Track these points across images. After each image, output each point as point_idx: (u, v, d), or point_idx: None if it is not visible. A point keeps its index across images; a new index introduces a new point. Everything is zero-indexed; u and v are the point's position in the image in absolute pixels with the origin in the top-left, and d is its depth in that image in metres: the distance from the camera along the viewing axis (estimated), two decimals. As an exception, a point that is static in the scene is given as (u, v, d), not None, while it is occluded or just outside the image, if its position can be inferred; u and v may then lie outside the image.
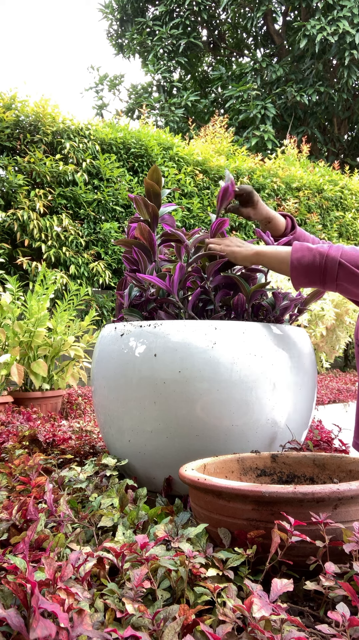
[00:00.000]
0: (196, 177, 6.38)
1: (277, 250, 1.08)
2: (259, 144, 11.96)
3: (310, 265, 1.02)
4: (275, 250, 1.08)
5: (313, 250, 1.02)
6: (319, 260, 1.01)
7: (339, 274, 1.00)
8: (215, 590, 0.55)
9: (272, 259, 1.07)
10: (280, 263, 1.06)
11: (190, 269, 1.12)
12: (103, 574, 0.61)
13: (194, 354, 0.96)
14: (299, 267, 1.02)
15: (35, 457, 1.13)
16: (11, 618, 0.47)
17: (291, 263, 1.03)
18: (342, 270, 1.00)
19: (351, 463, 0.87)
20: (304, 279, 1.04)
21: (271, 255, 1.08)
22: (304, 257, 1.02)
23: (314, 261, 1.01)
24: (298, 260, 1.02)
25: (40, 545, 0.69)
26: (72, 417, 2.70)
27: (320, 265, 1.01)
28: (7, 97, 5.11)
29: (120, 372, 1.03)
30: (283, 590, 0.55)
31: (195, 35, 13.62)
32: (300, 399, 1.07)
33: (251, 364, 0.98)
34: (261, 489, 0.65)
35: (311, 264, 1.02)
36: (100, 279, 5.18)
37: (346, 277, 1.00)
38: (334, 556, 0.64)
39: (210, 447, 0.98)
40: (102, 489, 0.96)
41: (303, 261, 1.02)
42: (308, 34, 11.42)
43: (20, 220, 4.73)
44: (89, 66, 17.44)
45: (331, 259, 1.00)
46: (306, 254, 1.02)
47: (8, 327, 2.91)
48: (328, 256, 1.00)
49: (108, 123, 6.20)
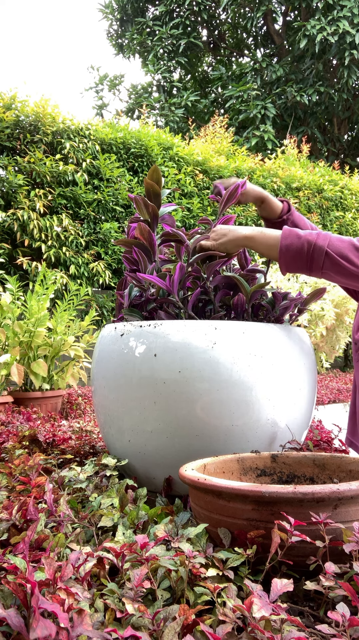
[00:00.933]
0: (196, 177, 6.38)
1: (266, 235, 1.10)
2: (259, 144, 11.96)
3: (298, 253, 1.05)
4: (263, 235, 1.10)
5: (302, 238, 1.05)
6: (307, 248, 1.04)
7: (325, 263, 1.04)
8: (215, 590, 0.55)
9: (261, 244, 1.10)
10: (269, 249, 1.09)
11: (190, 269, 1.12)
12: (103, 574, 0.61)
13: (194, 354, 0.96)
14: (287, 253, 1.06)
15: (35, 457, 1.13)
16: (11, 618, 0.47)
17: (280, 249, 1.06)
18: (328, 259, 1.03)
19: (351, 463, 0.87)
20: (291, 266, 1.07)
21: (260, 240, 1.10)
22: (293, 244, 1.05)
23: (302, 249, 1.04)
24: (287, 247, 1.05)
25: (40, 545, 0.69)
26: (72, 417, 2.70)
27: (308, 254, 1.04)
28: (7, 97, 5.11)
29: (120, 372, 1.03)
30: (283, 590, 0.55)
31: (195, 35, 13.62)
32: (300, 399, 1.07)
33: (251, 364, 0.98)
34: (261, 489, 0.65)
35: (299, 251, 1.05)
36: (100, 279, 5.18)
37: (331, 266, 1.04)
38: (334, 556, 0.64)
39: (210, 447, 0.98)
40: (102, 489, 0.96)
41: (291, 248, 1.05)
42: (308, 34, 11.42)
43: (20, 220, 4.73)
44: (89, 66, 17.44)
45: (319, 248, 1.03)
46: (295, 241, 1.05)
47: (8, 327, 2.91)
48: (315, 245, 1.04)
49: (108, 123, 6.20)
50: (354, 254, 1.04)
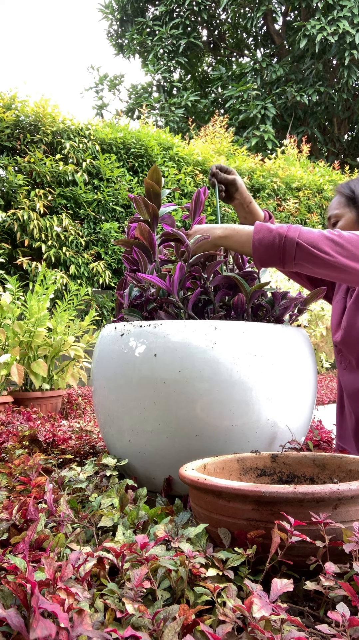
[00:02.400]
0: (196, 177, 6.38)
1: (239, 232, 1.13)
2: (259, 144, 11.96)
3: (270, 246, 1.07)
4: (236, 232, 1.13)
5: (273, 232, 1.07)
6: (279, 240, 1.06)
7: (297, 253, 1.06)
8: (215, 590, 0.55)
9: (235, 242, 1.13)
10: (242, 245, 1.12)
11: (190, 269, 1.12)
12: (103, 574, 0.61)
13: (194, 354, 0.96)
14: (260, 247, 1.08)
15: (35, 457, 1.13)
16: (11, 618, 0.47)
17: (253, 244, 1.08)
18: (299, 250, 1.05)
19: (351, 463, 0.87)
20: (265, 259, 1.09)
21: (234, 238, 1.13)
22: (265, 238, 1.07)
23: (274, 242, 1.07)
24: (259, 241, 1.08)
25: (40, 545, 0.69)
26: (72, 417, 2.70)
27: (279, 246, 1.06)
28: (7, 97, 5.11)
29: (120, 372, 1.03)
30: (283, 590, 0.55)
31: (195, 35, 13.62)
32: (300, 399, 1.07)
33: (251, 364, 0.98)
34: (261, 489, 0.65)
35: (271, 244, 1.07)
36: (100, 279, 5.18)
37: (303, 257, 1.06)
38: (334, 556, 0.64)
39: (210, 447, 0.98)
40: (102, 489, 0.96)
41: (263, 242, 1.07)
42: (308, 34, 11.42)
43: (20, 220, 4.73)
44: (89, 66, 17.44)
45: (290, 240, 1.05)
46: (267, 235, 1.08)
47: (8, 327, 2.91)
48: (286, 237, 1.06)
49: (108, 123, 6.20)
50: (324, 243, 1.06)
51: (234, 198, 1.41)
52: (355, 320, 1.36)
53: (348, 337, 1.38)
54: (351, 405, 1.43)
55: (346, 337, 1.38)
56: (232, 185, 1.39)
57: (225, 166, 1.40)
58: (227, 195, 1.41)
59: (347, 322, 1.38)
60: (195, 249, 1.15)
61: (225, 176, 1.37)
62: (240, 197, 1.40)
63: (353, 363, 1.41)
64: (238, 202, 1.41)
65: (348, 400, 1.45)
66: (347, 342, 1.38)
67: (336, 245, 1.06)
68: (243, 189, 1.40)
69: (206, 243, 1.14)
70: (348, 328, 1.38)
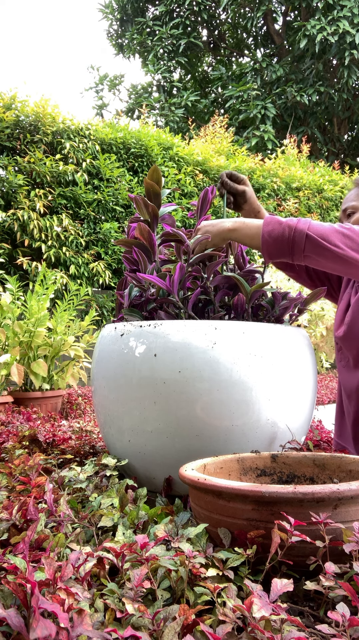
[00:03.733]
0: (196, 177, 6.38)
1: (248, 225, 1.12)
2: (259, 144, 11.96)
3: (279, 238, 1.06)
4: (246, 225, 1.12)
5: (283, 224, 1.07)
6: (289, 232, 1.06)
7: (306, 246, 1.05)
8: (215, 590, 0.55)
9: (244, 235, 1.12)
10: (251, 238, 1.11)
11: (190, 269, 1.12)
12: (103, 574, 0.61)
13: (194, 354, 0.96)
14: (269, 239, 1.07)
15: (35, 457, 1.13)
16: (11, 618, 0.47)
17: (262, 236, 1.07)
18: (309, 242, 1.04)
19: (351, 463, 0.87)
20: (273, 252, 1.08)
21: (244, 231, 1.12)
22: (275, 230, 1.07)
23: (283, 234, 1.06)
24: (269, 233, 1.07)
25: (40, 545, 0.69)
26: (72, 417, 2.70)
27: (289, 237, 1.06)
28: (7, 97, 5.11)
29: (120, 372, 1.03)
30: (283, 590, 0.55)
31: (195, 35, 13.62)
32: (300, 399, 1.07)
33: (251, 364, 0.98)
34: (261, 489, 0.65)
35: (280, 236, 1.06)
36: (100, 279, 5.18)
37: (313, 249, 1.05)
38: (334, 556, 0.64)
39: (210, 447, 0.98)
40: (102, 489, 0.96)
41: (273, 234, 1.07)
42: (308, 34, 11.42)
43: (20, 220, 4.73)
44: (89, 66, 17.43)
45: (299, 231, 1.05)
46: (277, 227, 1.07)
47: (8, 327, 2.91)
48: (296, 229, 1.05)
49: (108, 123, 6.20)
50: (334, 236, 1.05)
51: (242, 208, 1.38)
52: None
53: (350, 333, 1.37)
54: (349, 403, 1.43)
55: (348, 333, 1.38)
56: (241, 197, 1.35)
57: (236, 174, 1.36)
58: (235, 204, 1.38)
59: (351, 317, 1.38)
60: (195, 249, 1.14)
61: (235, 186, 1.33)
62: (249, 208, 1.37)
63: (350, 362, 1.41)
64: (246, 212, 1.38)
65: (346, 399, 1.45)
66: (348, 338, 1.38)
67: (347, 238, 1.06)
68: (252, 200, 1.36)
69: (215, 237, 1.13)
70: (351, 323, 1.37)
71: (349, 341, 1.38)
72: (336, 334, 1.46)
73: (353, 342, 1.37)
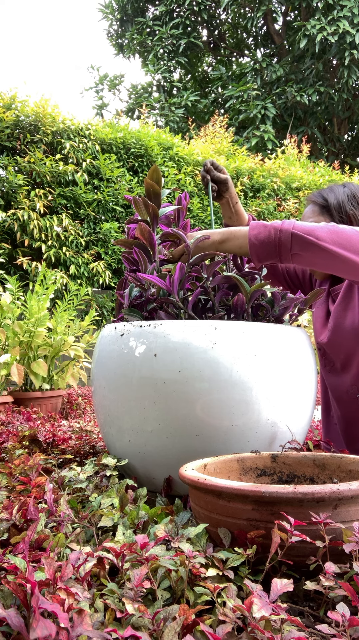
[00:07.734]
0: (196, 177, 6.38)
1: (235, 234, 1.13)
2: (259, 144, 11.95)
3: (266, 240, 1.07)
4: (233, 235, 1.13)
5: (268, 227, 1.08)
6: (274, 234, 1.07)
7: (293, 244, 1.06)
8: (215, 590, 0.55)
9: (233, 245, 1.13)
10: (240, 246, 1.12)
11: (190, 269, 1.12)
12: (103, 574, 0.61)
13: (194, 354, 0.96)
14: (256, 242, 1.08)
15: (35, 457, 1.13)
16: (11, 618, 0.47)
17: (249, 239, 1.08)
18: (295, 240, 1.05)
19: (351, 463, 0.87)
20: (262, 255, 1.09)
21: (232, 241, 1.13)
22: (261, 233, 1.08)
23: (269, 236, 1.07)
24: (255, 236, 1.08)
25: (40, 545, 0.69)
26: (72, 417, 2.70)
27: (275, 239, 1.07)
28: (7, 97, 5.11)
29: (120, 372, 1.03)
30: (283, 590, 0.55)
31: (195, 35, 13.61)
32: (300, 399, 1.07)
33: (251, 364, 0.98)
34: (261, 489, 0.65)
35: (267, 238, 1.07)
36: (100, 279, 5.18)
37: (299, 246, 1.06)
38: (334, 556, 0.64)
39: (210, 447, 0.98)
40: (102, 489, 0.96)
41: (259, 237, 1.08)
42: (308, 34, 11.41)
43: (20, 220, 4.73)
44: (89, 66, 17.43)
45: (285, 231, 1.06)
46: (262, 230, 1.08)
47: (8, 327, 2.91)
48: (281, 229, 1.06)
49: (108, 123, 6.20)
50: (319, 230, 1.06)
51: (223, 197, 1.42)
52: (343, 320, 1.37)
53: (335, 338, 1.38)
54: (339, 408, 1.43)
55: (333, 338, 1.39)
56: (224, 185, 1.40)
57: (216, 163, 1.41)
58: (217, 194, 1.42)
59: (334, 323, 1.39)
60: (195, 250, 1.15)
61: (218, 175, 1.38)
62: (229, 197, 1.42)
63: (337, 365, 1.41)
64: (226, 201, 1.43)
65: (335, 403, 1.45)
66: (334, 343, 1.39)
67: (331, 233, 1.07)
68: (232, 189, 1.42)
69: (207, 243, 1.15)
70: (335, 329, 1.38)
71: (335, 346, 1.39)
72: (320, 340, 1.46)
73: (339, 347, 1.38)
